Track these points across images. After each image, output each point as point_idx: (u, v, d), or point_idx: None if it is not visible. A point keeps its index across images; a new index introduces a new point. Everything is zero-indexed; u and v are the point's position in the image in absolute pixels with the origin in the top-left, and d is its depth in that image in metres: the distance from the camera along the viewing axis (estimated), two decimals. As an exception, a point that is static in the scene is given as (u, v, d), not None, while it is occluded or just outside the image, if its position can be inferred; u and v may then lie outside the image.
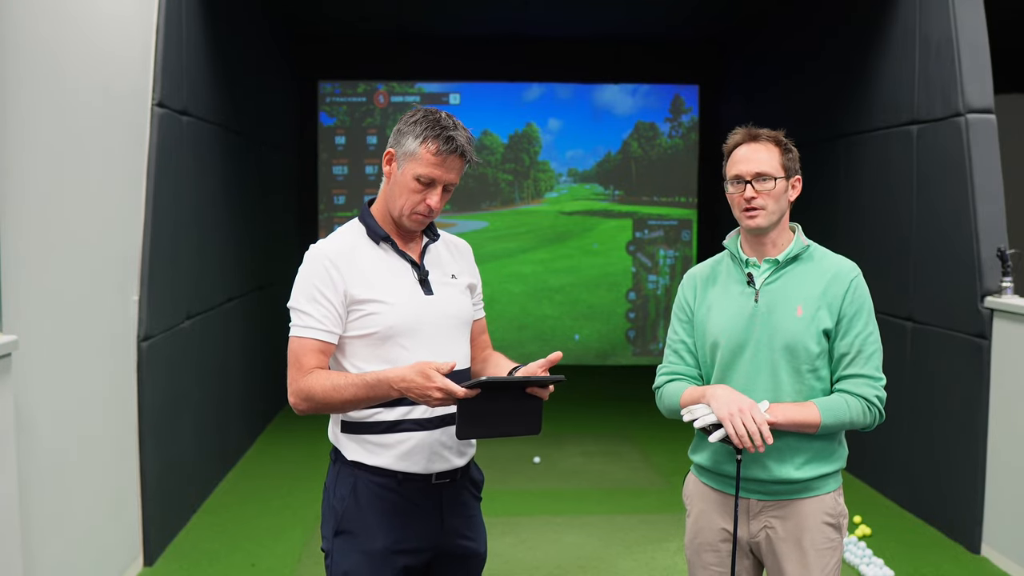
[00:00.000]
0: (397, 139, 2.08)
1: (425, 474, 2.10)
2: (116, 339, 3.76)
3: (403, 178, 2.06)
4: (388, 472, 2.08)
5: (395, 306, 2.06)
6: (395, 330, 2.06)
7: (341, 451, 2.13)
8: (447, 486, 2.14)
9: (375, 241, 2.12)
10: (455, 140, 2.04)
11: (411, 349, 2.06)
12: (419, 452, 2.08)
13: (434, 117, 2.06)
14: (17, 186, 2.90)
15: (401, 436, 2.07)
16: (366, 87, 8.60)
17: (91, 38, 3.51)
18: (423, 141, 2.03)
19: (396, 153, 2.08)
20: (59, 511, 3.21)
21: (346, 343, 2.08)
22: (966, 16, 4.34)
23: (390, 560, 2.07)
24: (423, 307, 2.10)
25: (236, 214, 5.68)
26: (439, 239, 2.22)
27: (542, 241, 8.89)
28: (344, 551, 2.09)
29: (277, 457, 5.83)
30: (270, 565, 4.07)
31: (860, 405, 2.13)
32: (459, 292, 2.20)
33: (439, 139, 2.03)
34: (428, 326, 2.09)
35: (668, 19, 7.83)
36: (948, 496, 4.44)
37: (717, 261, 2.34)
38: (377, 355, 2.07)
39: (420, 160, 2.04)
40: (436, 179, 2.05)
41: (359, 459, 2.09)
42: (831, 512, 2.19)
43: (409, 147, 2.05)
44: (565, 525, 4.57)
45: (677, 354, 2.31)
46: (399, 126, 2.09)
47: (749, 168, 2.18)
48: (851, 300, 2.16)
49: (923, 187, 4.66)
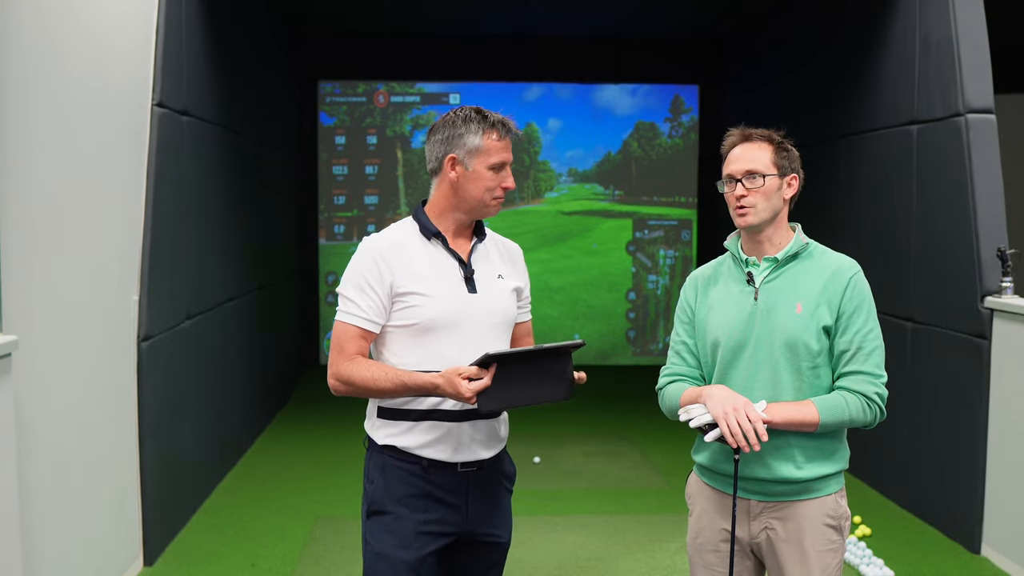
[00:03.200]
0: (453, 142, 2.18)
1: (451, 462, 2.19)
2: (116, 339, 3.76)
3: (477, 172, 2.17)
4: (414, 457, 2.18)
5: (437, 299, 2.15)
6: (436, 323, 2.15)
7: (373, 437, 2.24)
8: (474, 474, 2.23)
9: (426, 237, 2.22)
10: (507, 123, 2.20)
11: (450, 343, 2.15)
12: (446, 441, 2.18)
13: (476, 112, 2.19)
14: (17, 186, 2.90)
15: (431, 424, 2.17)
16: (366, 87, 8.60)
17: (91, 38, 3.51)
18: (483, 134, 2.17)
19: (459, 156, 2.18)
20: (59, 511, 3.20)
21: (388, 332, 2.19)
22: (966, 16, 4.34)
23: (416, 541, 2.17)
24: (466, 303, 2.18)
25: (236, 214, 5.68)
26: (487, 239, 2.31)
27: (542, 241, 8.89)
28: (375, 531, 2.20)
29: (277, 457, 5.83)
30: (270, 565, 4.07)
31: (859, 403, 2.13)
32: (504, 293, 2.26)
33: (495, 127, 2.17)
34: (469, 322, 2.18)
35: (668, 19, 7.84)
36: (948, 496, 4.44)
37: (719, 263, 2.35)
38: (417, 346, 2.16)
39: (489, 151, 2.17)
40: (506, 161, 2.20)
41: (389, 442, 2.20)
42: (832, 514, 2.19)
43: (472, 143, 2.16)
44: (565, 525, 4.57)
45: (679, 355, 2.32)
46: (444, 134, 2.19)
47: (739, 166, 2.19)
48: (851, 297, 2.16)
49: (923, 187, 4.66)
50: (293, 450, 5.97)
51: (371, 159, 8.64)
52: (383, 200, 8.66)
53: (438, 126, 2.22)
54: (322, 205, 8.63)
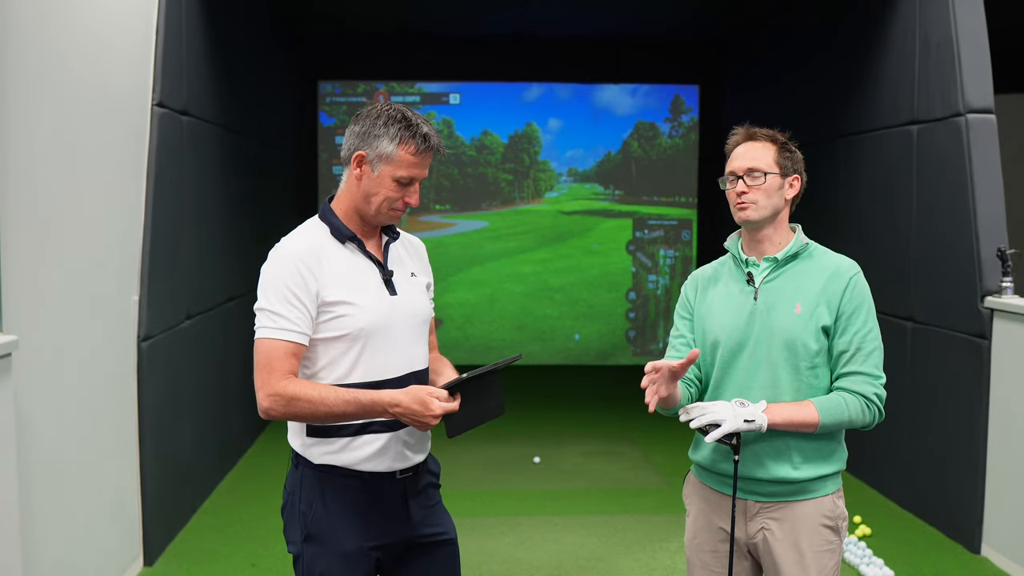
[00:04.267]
0: (366, 141, 2.02)
1: (389, 472, 2.12)
2: (116, 339, 3.76)
3: (380, 179, 2.03)
4: (354, 473, 2.09)
5: (364, 307, 2.05)
6: (365, 331, 2.05)
7: (305, 456, 2.11)
8: (409, 479, 2.16)
9: (340, 241, 2.08)
10: (430, 138, 2.02)
11: (381, 349, 2.07)
12: (386, 452, 2.10)
13: (403, 116, 2.02)
14: (18, 186, 2.90)
15: (369, 438, 2.08)
16: (366, 87, 8.60)
17: (92, 37, 3.51)
18: (400, 143, 2.00)
19: (368, 155, 2.02)
20: (59, 511, 3.20)
21: (315, 344, 2.05)
22: (966, 16, 4.34)
23: (362, 558, 2.10)
24: (390, 307, 2.09)
25: (236, 214, 5.68)
26: (399, 238, 2.21)
27: (542, 241, 8.89)
28: (316, 554, 2.08)
29: (277, 457, 5.83)
30: (270, 565, 4.07)
31: (859, 403, 2.13)
32: (420, 291, 2.20)
33: (415, 139, 2.00)
34: (395, 326, 2.09)
35: (668, 19, 7.83)
36: (948, 496, 4.44)
37: (720, 263, 2.35)
38: (347, 355, 2.06)
39: (399, 162, 2.01)
40: (415, 177, 2.04)
41: (327, 462, 2.09)
42: (829, 514, 2.19)
43: (384, 149, 2.01)
44: (565, 525, 4.57)
45: (676, 349, 2.33)
46: (363, 127, 2.04)
47: (741, 164, 2.20)
48: (850, 297, 2.16)
49: (923, 187, 4.66)
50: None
51: (371, 159, 8.63)
52: (383, 200, 8.65)
53: (362, 115, 2.06)
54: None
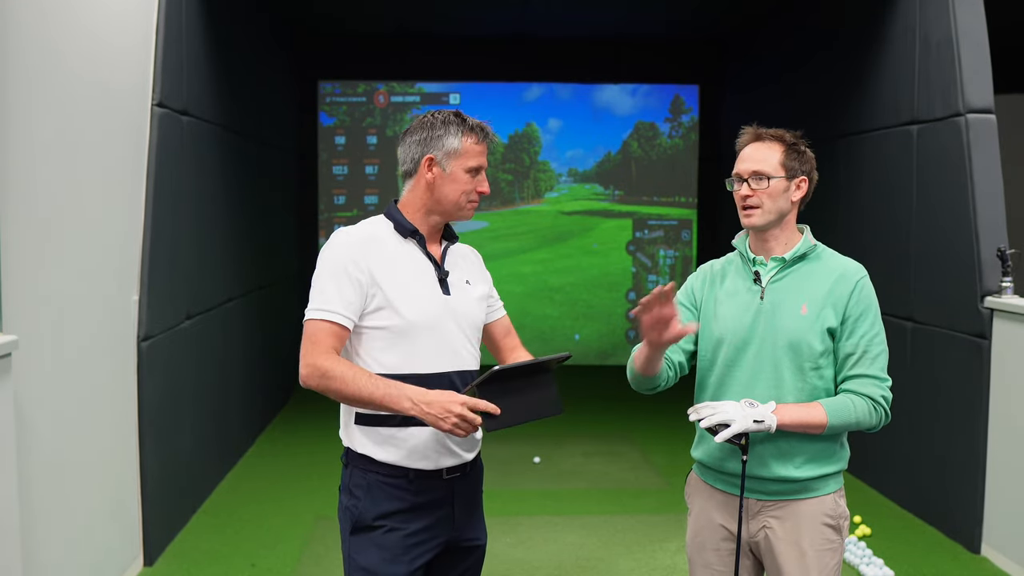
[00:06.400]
0: (430, 145, 2.16)
1: (436, 470, 2.14)
2: (116, 339, 3.76)
3: (454, 175, 2.16)
4: (399, 469, 2.12)
5: (415, 302, 2.11)
6: (413, 326, 2.10)
7: (352, 446, 2.17)
8: (458, 480, 2.19)
9: (402, 235, 2.18)
10: (485, 128, 2.19)
11: (425, 346, 2.12)
12: (428, 447, 2.12)
13: (454, 115, 2.19)
14: (17, 186, 2.90)
15: (412, 431, 2.11)
16: (366, 87, 8.60)
17: (92, 37, 3.51)
18: (463, 136, 2.15)
19: (437, 157, 2.15)
20: (59, 511, 3.20)
21: (362, 333, 2.12)
22: (966, 16, 4.34)
23: (405, 555, 2.12)
24: (441, 306, 2.15)
25: (236, 214, 5.68)
26: (456, 243, 2.29)
27: (542, 241, 8.89)
28: (362, 547, 2.13)
29: (277, 457, 5.83)
30: (270, 565, 4.07)
31: (866, 405, 2.14)
32: (472, 298, 2.25)
33: (474, 131, 2.17)
34: (444, 325, 2.15)
35: (668, 19, 7.83)
36: (948, 496, 4.44)
37: (728, 260, 2.35)
38: (391, 348, 2.11)
39: (467, 154, 2.16)
40: (482, 165, 2.20)
41: (369, 453, 2.13)
42: (831, 513, 2.19)
43: (451, 146, 2.15)
44: (565, 525, 4.57)
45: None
46: (421, 135, 2.17)
47: (747, 167, 2.20)
48: (857, 301, 2.16)
49: (923, 187, 4.66)
50: (293, 450, 5.97)
51: (371, 159, 8.64)
52: (383, 200, 8.65)
53: (415, 127, 2.20)
54: (322, 205, 8.63)
